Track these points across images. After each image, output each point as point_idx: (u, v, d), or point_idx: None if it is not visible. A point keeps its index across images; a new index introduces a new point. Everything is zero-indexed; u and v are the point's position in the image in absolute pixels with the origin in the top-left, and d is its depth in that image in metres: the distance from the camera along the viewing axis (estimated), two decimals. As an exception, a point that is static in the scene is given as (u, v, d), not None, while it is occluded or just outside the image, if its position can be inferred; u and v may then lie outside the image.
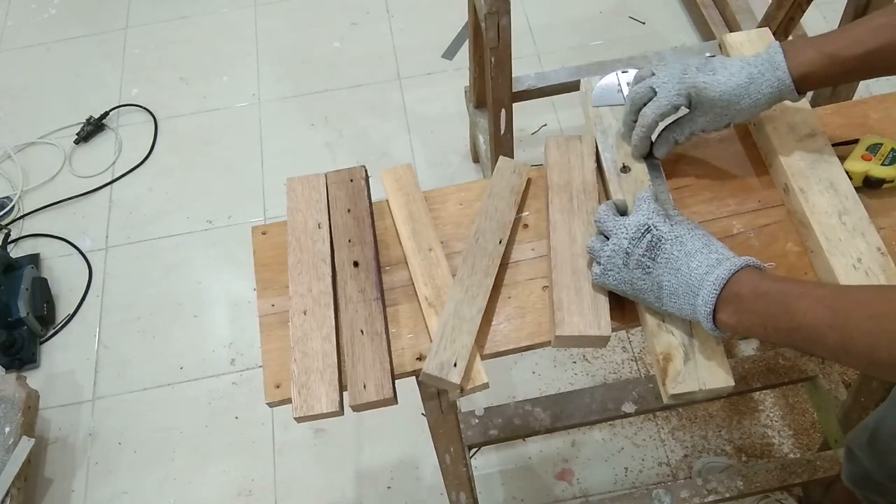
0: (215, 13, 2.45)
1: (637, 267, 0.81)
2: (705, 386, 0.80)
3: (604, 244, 0.84)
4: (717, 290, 0.75)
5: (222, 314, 1.86)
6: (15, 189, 2.10)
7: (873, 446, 1.04)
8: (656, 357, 0.83)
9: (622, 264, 0.82)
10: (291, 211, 0.98)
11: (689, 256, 0.79)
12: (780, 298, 0.73)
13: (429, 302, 0.90)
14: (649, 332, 0.85)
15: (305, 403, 0.84)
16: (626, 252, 0.81)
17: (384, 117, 2.16)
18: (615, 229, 0.83)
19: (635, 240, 0.81)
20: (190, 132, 2.19)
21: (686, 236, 0.81)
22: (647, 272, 0.81)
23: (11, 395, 1.61)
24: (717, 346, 0.82)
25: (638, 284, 0.82)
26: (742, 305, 0.75)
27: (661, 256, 0.80)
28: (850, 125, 1.00)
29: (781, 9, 1.69)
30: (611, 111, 1.01)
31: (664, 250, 0.80)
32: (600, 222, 0.86)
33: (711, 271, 0.77)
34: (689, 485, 1.35)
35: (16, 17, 2.50)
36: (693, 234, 0.81)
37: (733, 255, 0.79)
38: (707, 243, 0.80)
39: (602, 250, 0.84)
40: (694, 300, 0.77)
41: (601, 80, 1.03)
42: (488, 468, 1.60)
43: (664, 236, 0.81)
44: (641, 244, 0.81)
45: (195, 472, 1.66)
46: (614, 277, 0.83)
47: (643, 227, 0.82)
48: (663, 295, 0.80)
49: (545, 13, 2.32)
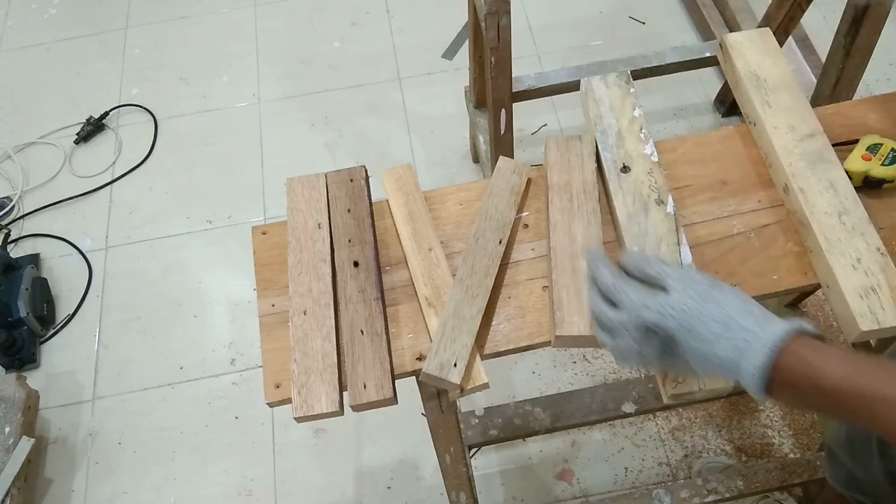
0: (215, 13, 2.45)
1: (658, 360, 0.74)
2: (705, 386, 0.80)
3: (609, 339, 0.76)
4: (762, 381, 0.66)
5: (222, 314, 1.86)
6: (15, 189, 2.10)
7: (852, 445, 1.03)
8: None
9: (639, 359, 0.75)
10: (291, 211, 0.98)
11: (712, 344, 0.69)
12: (855, 403, 0.63)
13: (429, 302, 0.90)
14: None
15: (305, 403, 0.84)
16: (639, 353, 0.74)
17: (384, 117, 2.16)
18: (616, 325, 0.74)
19: (642, 341, 0.73)
20: (190, 132, 2.19)
21: (697, 322, 0.70)
22: (671, 363, 0.74)
23: (11, 395, 1.61)
24: None
25: (663, 365, 0.76)
26: (802, 397, 0.67)
27: (678, 350, 0.72)
28: (850, 125, 1.00)
29: (781, 9, 1.69)
30: (610, 111, 1.01)
31: (680, 344, 0.71)
32: (599, 312, 0.77)
33: (744, 357, 0.67)
34: (689, 485, 1.35)
35: (16, 17, 2.50)
36: (705, 315, 0.70)
37: (760, 327, 0.68)
38: (726, 322, 0.69)
39: (613, 347, 0.76)
40: (736, 375, 0.69)
41: None
42: (488, 468, 1.60)
43: (674, 333, 0.71)
44: (652, 343, 0.73)
45: (195, 472, 1.66)
46: (633, 361, 0.76)
47: (642, 329, 0.73)
48: (698, 374, 0.75)
49: (545, 13, 2.32)
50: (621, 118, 1.00)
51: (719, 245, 0.92)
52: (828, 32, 1.64)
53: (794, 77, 1.01)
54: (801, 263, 0.90)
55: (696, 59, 1.78)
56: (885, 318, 0.82)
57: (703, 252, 0.91)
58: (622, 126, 1.00)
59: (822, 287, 0.89)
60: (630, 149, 0.97)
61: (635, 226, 0.91)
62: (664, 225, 0.91)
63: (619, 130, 0.99)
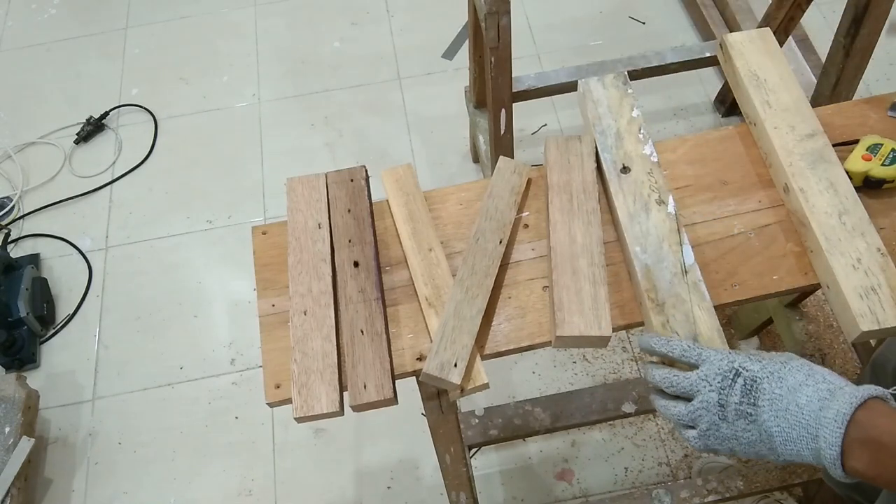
0: (215, 13, 2.45)
1: (738, 417, 0.71)
2: None
3: (688, 405, 0.74)
4: (841, 428, 0.65)
5: (222, 314, 1.86)
6: (15, 189, 2.10)
7: None
8: (660, 360, 0.82)
9: (719, 419, 0.72)
10: (291, 211, 0.98)
11: (795, 392, 0.69)
12: None
13: (429, 302, 0.90)
14: (654, 332, 0.84)
15: (305, 403, 0.84)
16: (719, 405, 0.71)
17: (384, 117, 2.16)
18: (695, 385, 0.73)
19: (726, 388, 0.71)
20: (190, 132, 2.19)
21: (782, 370, 0.71)
22: (751, 421, 0.71)
23: (11, 395, 1.61)
24: (721, 344, 0.81)
25: (745, 437, 0.71)
26: (884, 456, 0.64)
27: (761, 399, 0.70)
28: (850, 125, 1.00)
29: (781, 9, 1.69)
30: (609, 112, 1.01)
31: (764, 391, 0.70)
32: (671, 385, 0.75)
33: (826, 406, 0.66)
34: (689, 485, 1.35)
35: (16, 17, 2.50)
36: (789, 366, 0.71)
37: (846, 383, 0.68)
38: (810, 373, 0.70)
39: (691, 412, 0.73)
40: (814, 443, 0.67)
41: None
42: (488, 468, 1.60)
43: (758, 375, 0.71)
44: (735, 391, 0.71)
45: (195, 472, 1.66)
46: (716, 437, 0.73)
47: (730, 372, 0.72)
48: (776, 444, 0.70)
49: (545, 13, 2.32)
50: (620, 119, 1.00)
51: (719, 245, 0.92)
52: (828, 32, 1.64)
53: (794, 77, 1.01)
54: (801, 263, 0.90)
55: (696, 59, 1.78)
56: (885, 318, 0.82)
57: (703, 252, 0.91)
58: (621, 126, 0.99)
59: (822, 287, 0.89)
60: (629, 149, 0.97)
61: (637, 226, 0.91)
62: (665, 225, 0.91)
63: (617, 131, 0.99)
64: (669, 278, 0.87)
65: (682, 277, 0.87)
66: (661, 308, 0.85)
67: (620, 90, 1.03)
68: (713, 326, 0.83)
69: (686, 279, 0.87)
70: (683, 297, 0.85)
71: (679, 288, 0.86)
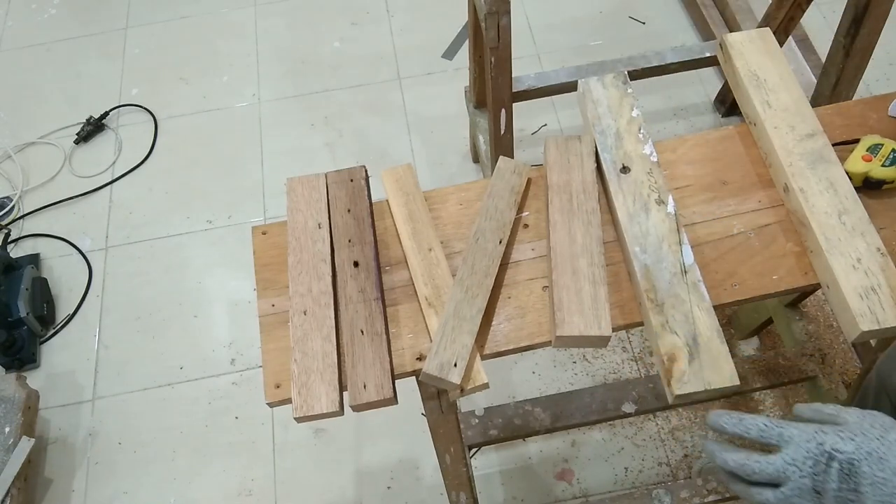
0: (215, 13, 2.45)
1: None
2: (710, 385, 0.80)
3: (778, 493, 0.68)
4: None
5: (222, 314, 1.86)
6: (15, 189, 2.10)
7: None
8: (661, 357, 0.83)
9: None
10: (291, 211, 0.98)
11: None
12: None
13: (429, 302, 0.90)
14: (653, 332, 0.84)
15: (305, 403, 0.84)
16: (815, 491, 0.65)
17: (384, 117, 2.16)
18: (783, 471, 0.67)
19: (819, 474, 0.65)
20: (190, 132, 2.19)
21: (881, 448, 0.64)
22: None
23: (11, 395, 1.61)
24: (720, 345, 0.82)
25: None
26: None
27: (863, 484, 0.64)
28: (851, 125, 1.00)
29: (781, 9, 1.69)
30: (608, 112, 1.01)
31: (864, 475, 0.64)
32: (753, 473, 0.69)
33: None
34: (689, 485, 1.35)
35: (16, 17, 2.50)
36: (887, 442, 0.65)
37: None
38: None
39: (782, 502, 0.67)
40: None
41: None
42: (488, 468, 1.60)
43: (855, 457, 0.64)
44: (831, 477, 0.65)
45: (195, 472, 1.66)
46: None
47: (822, 455, 0.65)
48: None
49: (545, 13, 2.32)
50: (619, 119, 1.00)
51: (719, 245, 0.92)
52: (828, 32, 1.64)
53: (794, 77, 1.01)
54: (801, 263, 0.90)
55: (696, 59, 1.78)
56: (885, 318, 0.82)
57: (703, 252, 0.92)
58: (620, 126, 1.00)
59: (822, 287, 0.89)
60: (629, 149, 0.97)
61: (636, 226, 0.91)
62: (665, 225, 0.91)
63: (617, 131, 0.99)
64: (669, 278, 0.87)
65: (681, 277, 0.87)
66: (661, 308, 0.85)
67: (620, 90, 1.03)
68: (712, 326, 0.83)
69: (685, 279, 0.87)
70: (683, 297, 0.86)
71: (678, 288, 0.86)
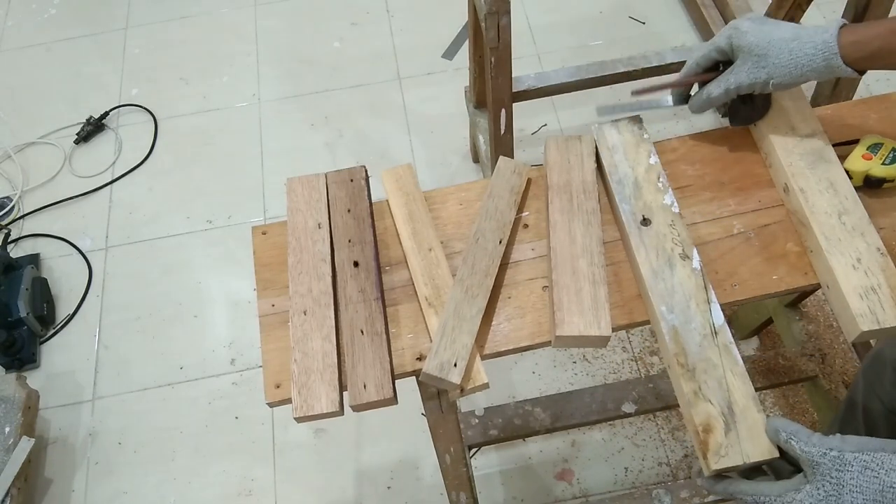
0: (215, 13, 2.45)
1: None
2: (749, 459, 0.75)
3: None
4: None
5: (222, 314, 1.86)
6: (15, 189, 2.10)
7: None
8: (695, 429, 0.78)
9: None
10: (291, 211, 0.98)
11: None
12: None
13: (429, 302, 0.90)
14: (686, 401, 0.80)
15: (305, 403, 0.84)
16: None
17: (384, 117, 2.16)
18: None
19: None
20: (190, 132, 2.19)
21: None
22: None
23: (11, 395, 1.61)
24: (757, 413, 0.78)
25: None
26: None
27: None
28: (850, 125, 1.00)
29: (781, 9, 1.68)
30: (625, 159, 0.97)
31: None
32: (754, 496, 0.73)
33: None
34: (689, 485, 1.35)
35: (16, 17, 2.50)
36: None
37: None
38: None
39: None
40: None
41: None
42: (488, 468, 1.60)
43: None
44: None
45: (195, 472, 1.66)
46: None
47: None
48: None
49: (545, 13, 2.32)
50: (637, 166, 0.96)
51: (719, 245, 0.92)
52: (828, 32, 1.64)
53: (794, 77, 1.01)
54: (801, 263, 0.90)
55: (696, 59, 1.78)
56: (885, 318, 0.82)
57: (703, 252, 0.91)
58: (638, 175, 0.95)
59: (822, 287, 0.89)
60: (649, 199, 0.93)
61: (661, 283, 0.87)
62: (691, 281, 0.87)
63: (635, 180, 0.95)
64: (699, 341, 0.83)
65: (712, 339, 0.83)
66: (692, 374, 0.81)
67: (636, 135, 0.99)
68: (748, 394, 0.79)
69: (716, 341, 0.83)
70: (714, 361, 0.81)
71: (710, 351, 0.82)
